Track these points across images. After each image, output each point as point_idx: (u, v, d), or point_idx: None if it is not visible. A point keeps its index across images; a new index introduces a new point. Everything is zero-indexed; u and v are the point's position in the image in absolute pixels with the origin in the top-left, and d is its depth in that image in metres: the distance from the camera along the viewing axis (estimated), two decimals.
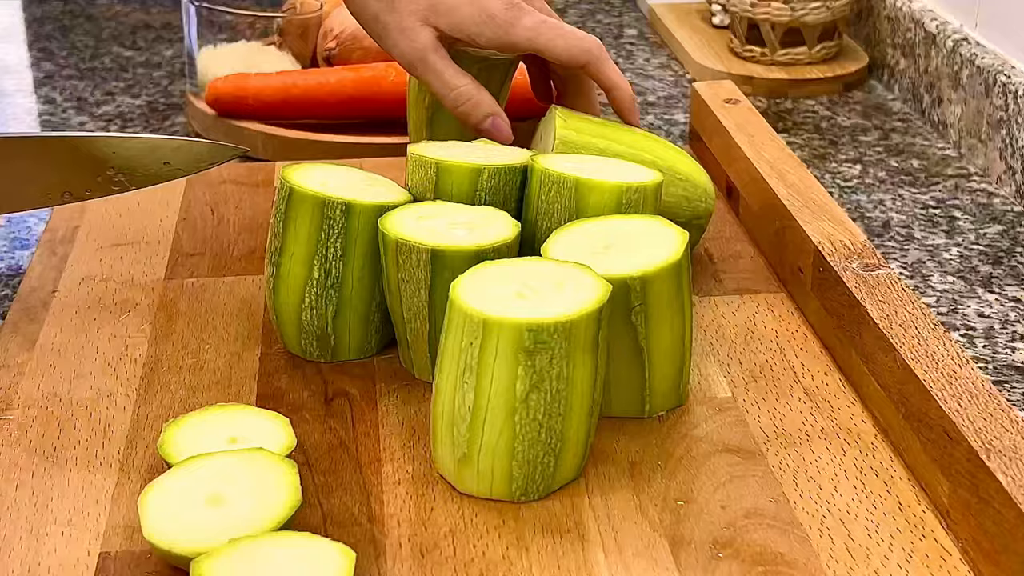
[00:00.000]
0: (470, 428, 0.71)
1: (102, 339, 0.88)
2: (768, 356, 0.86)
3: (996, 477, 0.65)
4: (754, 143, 1.04)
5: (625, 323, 0.77)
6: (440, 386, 0.73)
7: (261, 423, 0.75)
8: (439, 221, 0.81)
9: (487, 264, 0.75)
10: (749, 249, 1.00)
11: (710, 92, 1.14)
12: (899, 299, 0.81)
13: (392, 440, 0.78)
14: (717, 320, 0.91)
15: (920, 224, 1.10)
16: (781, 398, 0.82)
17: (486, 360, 0.70)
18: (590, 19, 1.64)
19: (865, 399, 0.81)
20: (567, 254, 0.78)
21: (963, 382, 0.73)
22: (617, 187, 0.82)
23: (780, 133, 1.28)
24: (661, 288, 0.76)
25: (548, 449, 0.72)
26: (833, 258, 0.86)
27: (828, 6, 1.38)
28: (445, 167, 0.84)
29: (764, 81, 1.38)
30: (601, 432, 0.79)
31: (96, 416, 0.80)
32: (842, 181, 1.18)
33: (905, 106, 1.34)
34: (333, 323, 0.84)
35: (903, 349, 0.76)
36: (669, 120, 1.32)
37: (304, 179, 0.84)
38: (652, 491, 0.74)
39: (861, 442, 0.77)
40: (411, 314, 0.81)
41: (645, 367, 0.78)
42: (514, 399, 0.70)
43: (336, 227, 0.82)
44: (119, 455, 0.77)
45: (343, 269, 0.83)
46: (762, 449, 0.77)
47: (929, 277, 1.01)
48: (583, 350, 0.71)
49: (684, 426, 0.79)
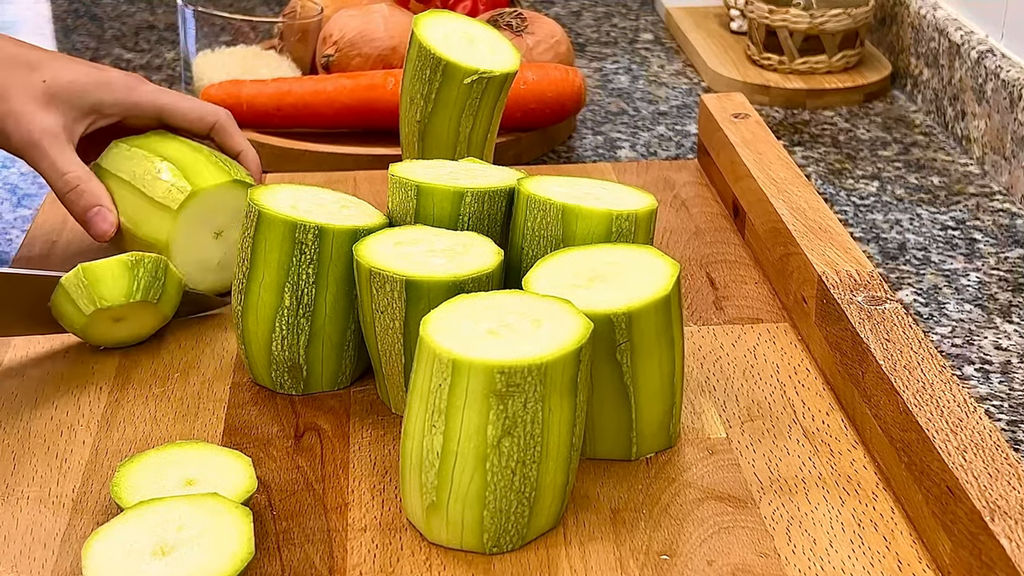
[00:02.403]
0: (439, 474, 0.67)
1: (68, 364, 0.84)
2: (767, 392, 0.81)
3: (999, 541, 0.60)
4: (761, 161, 0.99)
5: (610, 361, 0.72)
6: (409, 429, 0.68)
7: (221, 463, 0.71)
8: (418, 248, 0.77)
9: (461, 298, 0.70)
10: (754, 274, 0.95)
11: (718, 105, 1.09)
12: (905, 337, 0.76)
13: (362, 481, 0.74)
14: (715, 352, 0.86)
15: (938, 246, 1.04)
16: (779, 440, 0.77)
17: (455, 403, 0.65)
18: (606, 22, 1.59)
19: (867, 443, 0.76)
20: (550, 286, 0.73)
21: (970, 432, 0.67)
22: (606, 214, 0.77)
23: (796, 146, 1.23)
24: (648, 324, 0.72)
25: (522, 498, 0.67)
26: (837, 289, 0.81)
27: (849, 13, 1.32)
28: (426, 189, 0.80)
29: (781, 91, 1.32)
30: (584, 475, 0.74)
31: (54, 450, 0.76)
32: (858, 199, 1.12)
33: (928, 119, 1.29)
34: (305, 353, 0.80)
35: (906, 394, 0.71)
36: (681, 131, 1.27)
37: (273, 201, 0.79)
38: (634, 542, 0.69)
39: (861, 491, 0.72)
40: (386, 346, 0.77)
41: (631, 407, 0.74)
42: (485, 445, 0.66)
43: (308, 252, 0.78)
44: (73, 493, 0.73)
45: (316, 296, 0.79)
46: (755, 497, 0.72)
47: (945, 305, 0.96)
48: (560, 393, 0.66)
49: (673, 470, 0.75)
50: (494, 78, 0.92)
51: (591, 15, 1.62)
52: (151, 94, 0.92)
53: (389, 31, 1.22)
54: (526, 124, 1.18)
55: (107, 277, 0.82)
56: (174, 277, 0.85)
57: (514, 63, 0.93)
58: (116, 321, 0.83)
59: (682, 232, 1.01)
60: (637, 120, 1.29)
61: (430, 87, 0.92)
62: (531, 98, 1.17)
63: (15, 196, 1.13)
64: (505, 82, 0.93)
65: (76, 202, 0.89)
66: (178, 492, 0.68)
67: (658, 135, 1.26)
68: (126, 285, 0.82)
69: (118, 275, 0.82)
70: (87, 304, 0.81)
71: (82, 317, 0.82)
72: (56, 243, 0.99)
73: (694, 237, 1.01)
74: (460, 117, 0.93)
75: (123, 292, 0.82)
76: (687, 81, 1.40)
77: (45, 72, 0.89)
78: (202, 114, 0.93)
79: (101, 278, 0.82)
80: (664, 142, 1.24)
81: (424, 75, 0.92)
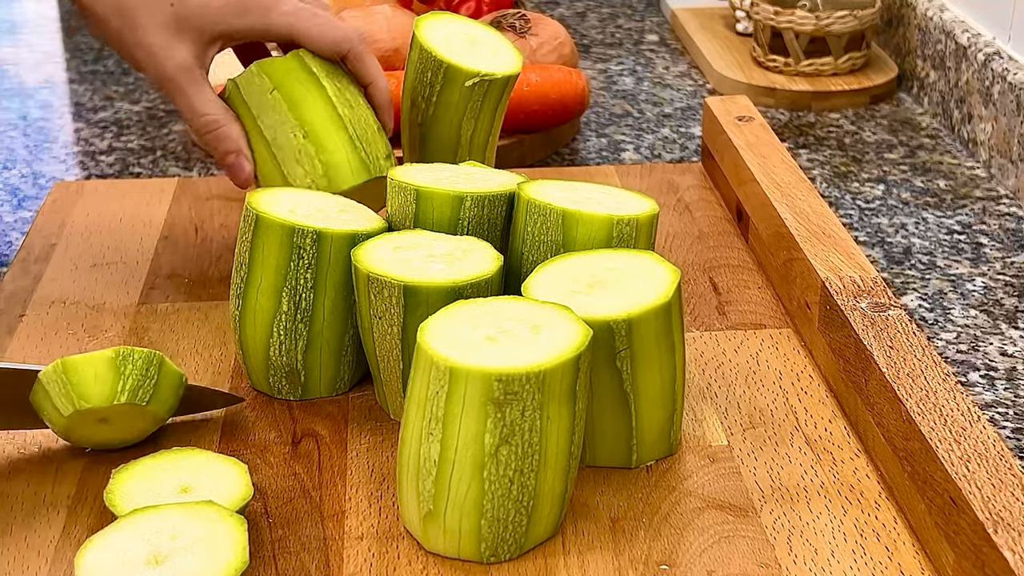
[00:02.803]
0: (436, 483, 0.66)
1: None
2: (770, 399, 0.81)
3: (1003, 554, 0.59)
4: (766, 165, 0.98)
5: (609, 368, 0.71)
6: (406, 436, 0.67)
7: (217, 470, 0.70)
8: (417, 253, 0.76)
9: (460, 304, 0.70)
10: (757, 279, 0.94)
11: (722, 108, 1.08)
12: (909, 344, 0.75)
13: (359, 488, 0.73)
14: (718, 358, 0.85)
15: (943, 251, 1.03)
16: (780, 447, 0.76)
17: (453, 411, 0.65)
18: (611, 23, 1.58)
19: (870, 451, 0.75)
20: (549, 292, 0.72)
21: (973, 442, 0.67)
22: (607, 219, 0.77)
23: (801, 149, 1.22)
24: (648, 331, 0.71)
25: (520, 507, 0.66)
26: (840, 295, 0.80)
27: (855, 15, 1.31)
28: (425, 193, 0.79)
29: (786, 93, 1.31)
30: (583, 483, 0.73)
31: (49, 454, 0.76)
32: (863, 203, 1.12)
33: (934, 121, 1.28)
34: (303, 358, 0.79)
35: (909, 402, 0.70)
36: (685, 133, 1.26)
37: (271, 205, 0.79)
38: (634, 552, 0.68)
39: (864, 500, 0.72)
40: (384, 351, 0.76)
41: (631, 415, 0.73)
42: (483, 453, 0.65)
43: (306, 257, 0.77)
44: (68, 500, 0.72)
45: (314, 301, 0.78)
46: (756, 506, 0.71)
47: (950, 310, 0.95)
48: (558, 401, 0.65)
49: (673, 478, 0.74)
50: (496, 81, 0.91)
51: (596, 16, 1.61)
52: (284, 17, 0.86)
53: (392, 32, 1.21)
54: (529, 126, 1.17)
55: (88, 375, 0.72)
56: (171, 374, 0.75)
57: (516, 65, 0.93)
58: (101, 422, 0.74)
59: (685, 236, 1.00)
60: (641, 122, 1.29)
61: (431, 90, 0.91)
62: (534, 100, 1.16)
63: (15, 198, 1.12)
64: (507, 85, 0.92)
65: (214, 146, 0.86)
66: (173, 500, 0.67)
67: (662, 137, 1.25)
68: (110, 385, 0.72)
69: (102, 373, 0.72)
70: (66, 404, 0.72)
71: (61, 418, 0.73)
72: (55, 246, 0.99)
73: (697, 241, 1.00)
74: (461, 120, 0.92)
75: (107, 393, 0.72)
76: (692, 83, 1.39)
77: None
78: (334, 41, 0.87)
79: (82, 375, 0.72)
80: (668, 145, 1.23)
81: (425, 78, 0.91)
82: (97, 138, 1.25)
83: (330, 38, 0.87)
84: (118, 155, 1.21)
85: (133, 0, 0.83)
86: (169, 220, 1.03)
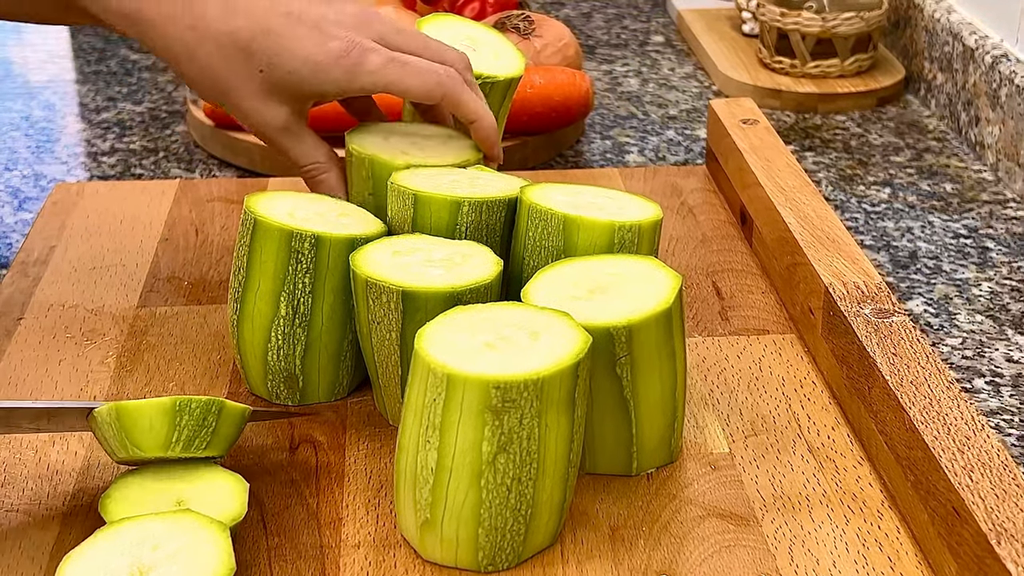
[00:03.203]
0: (433, 491, 0.65)
1: (62, 373, 0.83)
2: (772, 406, 0.80)
3: (1006, 566, 0.58)
4: (770, 168, 0.97)
5: (609, 375, 0.70)
6: (403, 443, 0.67)
7: (216, 485, 0.69)
8: (415, 257, 0.75)
9: (458, 310, 0.69)
10: (760, 283, 0.93)
11: (727, 110, 1.07)
12: (912, 351, 0.74)
13: (357, 496, 0.72)
14: (720, 364, 0.84)
15: (949, 255, 1.02)
16: (783, 455, 0.75)
17: (450, 418, 0.64)
18: (616, 24, 1.57)
19: (874, 459, 0.74)
20: (549, 297, 0.72)
21: (977, 451, 0.66)
22: (608, 225, 0.76)
23: (806, 151, 1.21)
24: (649, 337, 0.70)
25: (518, 515, 0.66)
26: (844, 301, 0.80)
27: (862, 16, 1.30)
28: (423, 198, 0.78)
29: (792, 95, 1.30)
30: (583, 491, 0.72)
31: (45, 461, 0.75)
32: (869, 206, 1.11)
33: (941, 124, 1.27)
34: (301, 363, 0.78)
35: (912, 410, 0.69)
36: (690, 136, 1.25)
37: (270, 209, 0.78)
38: (633, 561, 0.67)
39: (867, 509, 0.71)
40: (383, 357, 0.75)
41: (632, 422, 0.72)
42: (480, 461, 0.64)
43: (305, 261, 0.77)
44: (63, 506, 0.72)
45: (312, 306, 0.77)
46: (757, 515, 0.71)
47: (956, 316, 0.94)
48: (557, 409, 0.65)
49: (674, 486, 0.73)
50: (498, 83, 0.91)
51: (602, 17, 1.60)
52: (374, 76, 0.84)
53: None
54: (532, 128, 1.16)
55: (143, 423, 0.68)
56: (232, 416, 0.71)
57: (519, 68, 0.92)
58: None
59: (688, 240, 1.00)
60: (646, 124, 1.28)
61: None
62: (538, 102, 1.15)
63: (16, 199, 1.12)
64: (509, 87, 0.92)
65: (316, 189, 0.88)
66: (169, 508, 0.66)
67: (667, 140, 1.24)
68: (164, 435, 0.69)
69: (156, 423, 0.68)
70: (118, 448, 0.69)
71: (115, 456, 0.70)
72: (55, 248, 0.98)
73: (701, 245, 0.99)
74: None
75: (160, 443, 0.69)
76: (697, 84, 1.38)
77: (261, 59, 0.83)
78: (428, 89, 0.84)
79: (136, 423, 0.68)
80: (673, 147, 1.23)
81: None
82: (100, 139, 1.24)
83: (422, 89, 0.84)
84: (120, 156, 1.20)
85: (224, 71, 0.84)
86: (169, 222, 1.02)
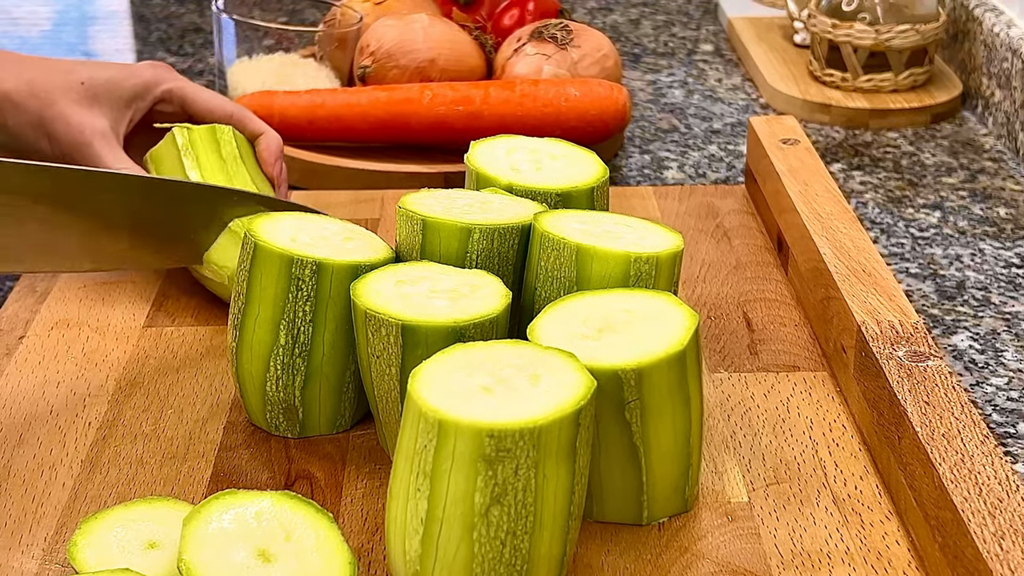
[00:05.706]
0: (423, 542, 0.61)
1: (59, 397, 0.80)
2: (798, 451, 0.75)
3: None
4: (807, 192, 0.92)
5: (618, 420, 0.66)
6: (394, 490, 0.63)
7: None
8: (420, 287, 0.71)
9: (457, 347, 0.65)
10: (794, 315, 0.88)
11: (767, 129, 1.02)
12: (947, 400, 0.69)
13: (350, 539, 0.68)
14: (745, 403, 0.80)
15: (999, 286, 0.97)
16: (805, 506, 0.71)
17: (441, 466, 0.60)
18: (665, 32, 1.52)
19: (902, 513, 0.69)
20: (556, 335, 0.67)
21: (1010, 515, 0.61)
22: (624, 256, 0.72)
23: (854, 170, 1.16)
24: (660, 381, 0.66)
25: (512, 571, 0.62)
26: (877, 342, 0.75)
27: (918, 29, 1.25)
28: (432, 224, 0.75)
29: (842, 110, 1.25)
30: (589, 540, 0.68)
31: (32, 491, 0.72)
32: (917, 230, 1.05)
33: (998, 143, 1.21)
34: (301, 394, 0.75)
35: (942, 467, 0.64)
36: (733, 151, 1.20)
37: (272, 232, 0.74)
38: None
39: (892, 569, 0.66)
40: (383, 392, 0.71)
41: (642, 470, 0.68)
42: (472, 513, 0.60)
43: (305, 288, 0.73)
44: (45, 542, 0.69)
45: (312, 335, 0.74)
46: (773, 572, 0.66)
47: (1002, 353, 0.89)
48: (556, 459, 0.61)
49: (686, 537, 0.69)
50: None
51: (650, 23, 1.55)
52: (175, 83, 0.95)
53: (428, 42, 1.17)
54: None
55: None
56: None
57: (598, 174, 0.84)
58: None
59: (722, 265, 0.95)
60: (688, 138, 1.23)
61: None
62: (573, 116, 1.11)
63: None
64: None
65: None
66: (139, 556, 0.63)
67: (708, 155, 1.20)
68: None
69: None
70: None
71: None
72: None
73: (734, 272, 0.94)
74: None
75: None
76: (744, 97, 1.33)
77: (81, 73, 0.92)
78: (218, 105, 0.95)
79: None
80: (715, 163, 1.18)
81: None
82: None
83: (214, 104, 0.95)
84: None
85: (46, 78, 0.91)
86: None
